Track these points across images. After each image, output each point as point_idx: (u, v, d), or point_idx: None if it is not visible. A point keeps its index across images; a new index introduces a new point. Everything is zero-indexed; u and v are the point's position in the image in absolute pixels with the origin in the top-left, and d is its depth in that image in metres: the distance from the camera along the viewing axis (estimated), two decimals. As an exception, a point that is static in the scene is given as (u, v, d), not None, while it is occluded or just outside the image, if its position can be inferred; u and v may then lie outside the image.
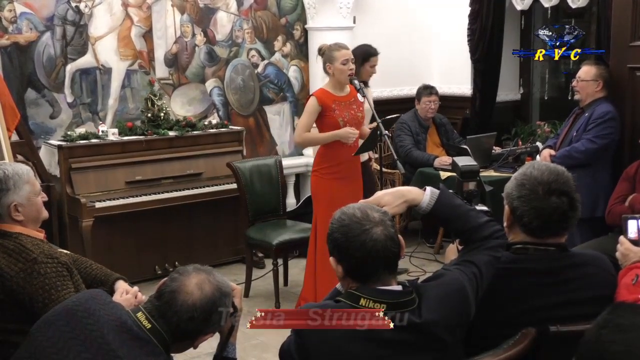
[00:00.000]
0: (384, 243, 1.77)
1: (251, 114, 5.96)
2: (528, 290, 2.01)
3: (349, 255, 1.78)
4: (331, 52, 4.17)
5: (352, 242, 1.77)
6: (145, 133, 5.03)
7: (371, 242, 1.76)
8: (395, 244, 1.80)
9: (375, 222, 1.79)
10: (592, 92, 4.44)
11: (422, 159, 5.55)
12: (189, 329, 1.87)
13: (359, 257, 1.77)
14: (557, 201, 2.02)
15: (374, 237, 1.77)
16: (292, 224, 4.88)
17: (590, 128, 4.38)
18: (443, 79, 6.56)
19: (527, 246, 2.07)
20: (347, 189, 4.19)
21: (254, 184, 4.84)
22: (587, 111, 4.45)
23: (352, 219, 1.80)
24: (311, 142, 4.26)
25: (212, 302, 1.87)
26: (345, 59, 4.14)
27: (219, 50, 5.72)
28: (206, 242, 5.27)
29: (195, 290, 1.86)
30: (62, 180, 4.70)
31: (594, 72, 4.43)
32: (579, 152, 4.37)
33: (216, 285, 1.90)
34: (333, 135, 4.11)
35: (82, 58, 5.13)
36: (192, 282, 1.87)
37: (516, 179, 2.10)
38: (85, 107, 5.18)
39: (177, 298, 1.86)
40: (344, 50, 4.16)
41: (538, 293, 2.01)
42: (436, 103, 5.79)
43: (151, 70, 5.40)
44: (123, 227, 4.87)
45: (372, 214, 1.81)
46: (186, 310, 1.85)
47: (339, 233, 1.80)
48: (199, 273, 1.90)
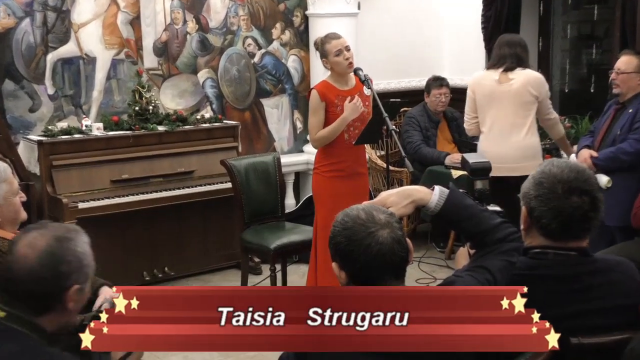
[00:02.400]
0: (391, 247, 1.77)
1: (247, 107, 5.96)
2: (547, 299, 2.00)
3: (353, 260, 1.78)
4: (323, 46, 4.18)
5: (356, 246, 1.77)
6: (132, 128, 5.02)
7: (377, 245, 1.76)
8: (403, 248, 1.79)
9: (381, 225, 1.78)
10: (634, 85, 4.29)
11: (432, 156, 5.54)
12: (46, 293, 1.82)
13: (363, 262, 1.76)
14: (578, 201, 2.01)
15: (379, 240, 1.76)
16: (292, 226, 4.87)
17: (638, 126, 4.21)
18: (455, 69, 6.55)
19: (546, 250, 2.07)
20: (351, 189, 4.18)
21: (250, 183, 4.83)
22: (630, 107, 4.29)
23: (355, 221, 1.79)
24: (328, 138, 4.23)
25: (52, 254, 1.83)
26: (337, 50, 4.13)
27: (213, 39, 5.71)
28: (198, 245, 5.26)
29: (27, 252, 1.82)
30: (42, 179, 4.69)
31: (635, 63, 4.28)
32: (626, 154, 4.19)
33: (51, 236, 1.85)
34: (342, 120, 4.11)
35: (64, 46, 5.12)
36: (22, 246, 1.83)
37: (534, 177, 2.09)
38: (68, 99, 5.18)
39: (13, 269, 1.82)
40: (334, 41, 4.16)
41: (558, 302, 2.01)
42: (447, 96, 5.79)
43: (139, 60, 5.39)
44: (108, 230, 4.86)
45: (378, 216, 1.80)
46: (27, 277, 1.80)
47: (341, 236, 1.79)
48: (28, 232, 1.86)
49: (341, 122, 4.12)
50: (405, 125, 5.75)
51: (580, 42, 6.48)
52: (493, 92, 4.57)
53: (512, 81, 4.54)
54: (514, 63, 4.55)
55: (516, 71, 4.55)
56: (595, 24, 6.38)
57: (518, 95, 4.53)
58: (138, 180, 4.92)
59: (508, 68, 4.55)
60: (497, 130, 4.59)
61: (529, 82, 4.54)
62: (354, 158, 4.25)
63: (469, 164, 2.27)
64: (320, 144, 4.29)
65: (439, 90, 5.77)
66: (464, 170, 2.31)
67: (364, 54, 5.82)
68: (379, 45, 6.36)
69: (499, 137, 4.57)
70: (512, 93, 4.53)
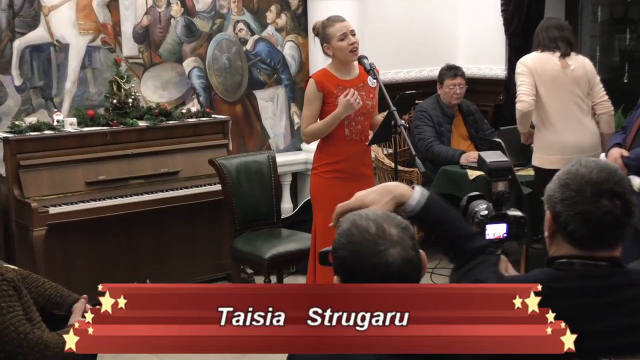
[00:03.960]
0: (400, 268, 1.77)
1: (238, 100, 5.96)
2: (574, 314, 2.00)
3: (357, 278, 1.79)
4: (325, 29, 4.18)
5: (361, 265, 1.78)
6: (109, 123, 5.03)
7: (385, 267, 1.76)
8: (414, 269, 1.80)
9: (391, 242, 1.78)
10: None
11: (446, 155, 5.54)
12: None
13: (368, 281, 1.77)
14: (609, 205, 2.01)
15: (388, 260, 1.77)
16: (288, 233, 4.88)
17: None
18: (471, 57, 6.56)
19: (573, 260, 2.07)
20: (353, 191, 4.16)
21: (241, 185, 4.84)
22: None
23: (364, 235, 1.79)
24: (318, 134, 4.25)
25: None
26: (342, 34, 4.14)
27: (200, 23, 5.72)
28: (183, 255, 5.27)
29: None
30: (8, 181, 4.70)
31: None
32: None
33: None
34: (335, 116, 4.12)
35: (33, 32, 5.13)
36: None
37: (559, 178, 2.09)
38: (37, 91, 5.18)
39: None
40: (338, 24, 4.17)
41: (586, 317, 2.00)
42: (462, 87, 5.79)
43: (117, 47, 5.40)
44: (83, 238, 4.87)
45: (390, 230, 1.80)
46: None
47: (346, 251, 1.80)
48: None
49: (334, 118, 4.13)
50: (415, 120, 5.74)
51: (612, 26, 6.49)
52: (556, 77, 4.78)
53: (571, 67, 4.78)
54: (569, 48, 4.80)
55: (572, 56, 4.80)
56: (629, 6, 6.39)
57: (581, 81, 4.79)
58: (116, 182, 4.92)
59: (565, 53, 4.78)
60: (566, 117, 4.78)
61: (585, 68, 4.83)
62: (356, 157, 4.26)
63: (487, 164, 2.28)
64: (310, 139, 4.32)
65: (453, 80, 5.77)
66: (481, 171, 2.32)
67: (369, 40, 5.82)
68: (386, 30, 6.36)
69: (571, 124, 4.77)
70: (574, 79, 4.78)
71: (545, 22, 4.97)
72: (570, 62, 4.79)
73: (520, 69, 4.80)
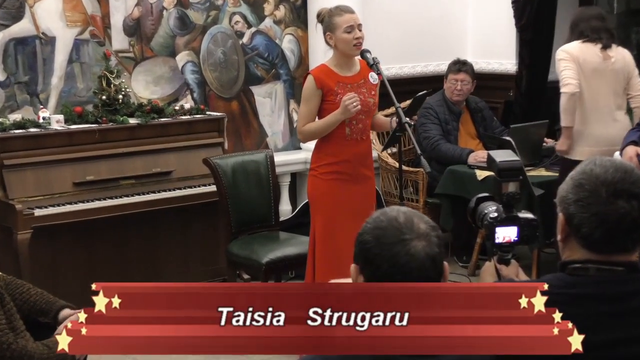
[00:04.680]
0: (421, 263, 1.78)
1: (234, 96, 5.97)
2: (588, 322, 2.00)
3: (375, 265, 1.80)
4: (331, 17, 4.17)
5: (382, 250, 1.79)
6: (98, 121, 5.03)
7: (406, 256, 1.78)
8: (435, 267, 1.81)
9: (417, 234, 1.80)
10: None
11: (453, 154, 5.54)
12: None
13: (385, 270, 1.79)
14: (626, 206, 2.01)
15: (411, 251, 1.78)
16: (287, 237, 4.88)
17: None
18: (480, 51, 6.56)
19: (587, 265, 2.07)
20: (354, 195, 4.19)
21: (237, 186, 4.84)
22: None
23: (391, 222, 1.82)
24: (315, 134, 4.25)
25: None
26: (349, 25, 4.14)
27: (194, 15, 5.72)
28: (177, 259, 5.27)
29: None
30: (-8, 181, 4.70)
31: None
32: None
33: None
34: (333, 117, 4.11)
35: (18, 24, 5.13)
36: None
37: (573, 178, 2.09)
38: (22, 87, 5.18)
39: None
40: (347, 15, 4.17)
41: (601, 326, 2.01)
42: (466, 83, 5.77)
43: (106, 40, 5.40)
44: (70, 241, 4.87)
45: (418, 224, 1.82)
46: None
47: (371, 235, 1.82)
48: None
49: (333, 119, 4.12)
50: (421, 118, 5.73)
51: (629, 18, 6.49)
52: (598, 69, 4.87)
53: (612, 59, 4.88)
54: (610, 39, 4.90)
55: (613, 48, 4.90)
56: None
57: (620, 74, 4.91)
58: (105, 182, 4.92)
59: (606, 45, 4.87)
60: (602, 109, 4.88)
61: (626, 61, 4.94)
62: (357, 157, 4.25)
63: (497, 163, 2.28)
64: (306, 138, 4.33)
65: (455, 75, 5.76)
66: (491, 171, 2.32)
67: (372, 32, 5.81)
68: (390, 22, 6.37)
69: (603, 117, 4.88)
70: (614, 72, 4.91)
71: (585, 12, 5.09)
72: (612, 54, 4.89)
73: (563, 56, 4.89)
